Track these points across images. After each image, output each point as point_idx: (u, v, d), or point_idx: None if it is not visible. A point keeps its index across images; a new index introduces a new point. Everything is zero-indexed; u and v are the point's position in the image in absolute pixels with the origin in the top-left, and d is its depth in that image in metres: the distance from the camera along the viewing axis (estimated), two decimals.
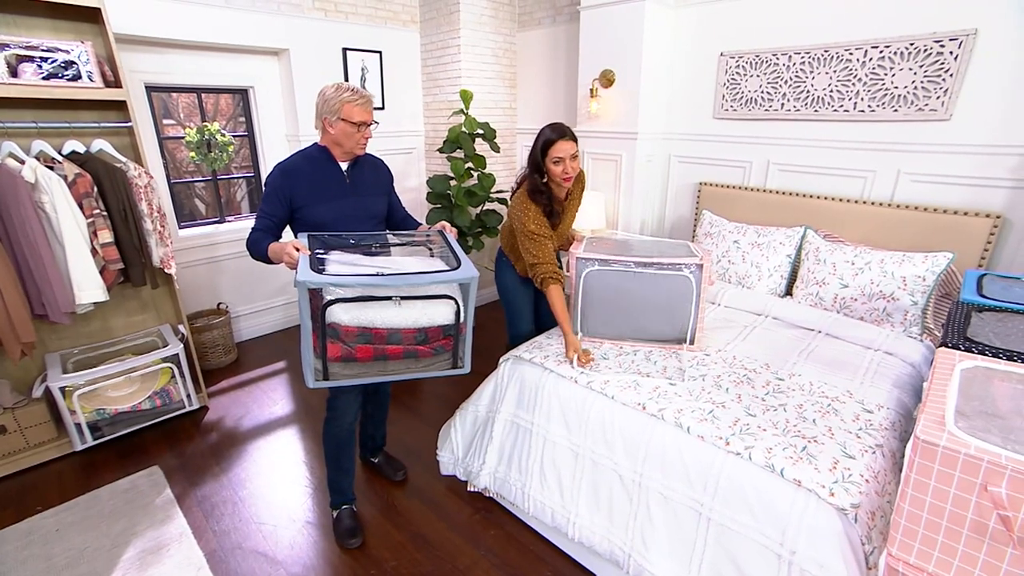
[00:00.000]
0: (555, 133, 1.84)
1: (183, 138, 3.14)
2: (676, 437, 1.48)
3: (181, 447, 2.45)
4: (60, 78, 2.08)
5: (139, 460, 2.34)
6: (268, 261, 1.62)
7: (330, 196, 1.72)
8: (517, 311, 2.25)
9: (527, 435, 1.82)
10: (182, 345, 2.55)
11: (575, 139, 1.86)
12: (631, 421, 1.58)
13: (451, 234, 1.73)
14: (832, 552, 1.17)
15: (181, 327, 2.67)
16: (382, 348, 1.51)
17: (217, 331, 3.14)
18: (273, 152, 3.44)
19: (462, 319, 1.56)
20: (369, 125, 1.69)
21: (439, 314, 1.54)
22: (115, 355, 2.56)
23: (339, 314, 1.44)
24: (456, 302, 1.54)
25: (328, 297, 1.42)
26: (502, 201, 3.60)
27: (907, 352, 1.90)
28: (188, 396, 2.61)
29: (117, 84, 2.25)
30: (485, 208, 3.64)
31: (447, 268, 1.54)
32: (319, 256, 1.51)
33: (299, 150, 1.75)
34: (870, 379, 1.74)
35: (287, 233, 1.75)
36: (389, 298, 1.48)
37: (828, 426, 1.46)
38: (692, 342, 1.90)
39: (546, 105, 3.78)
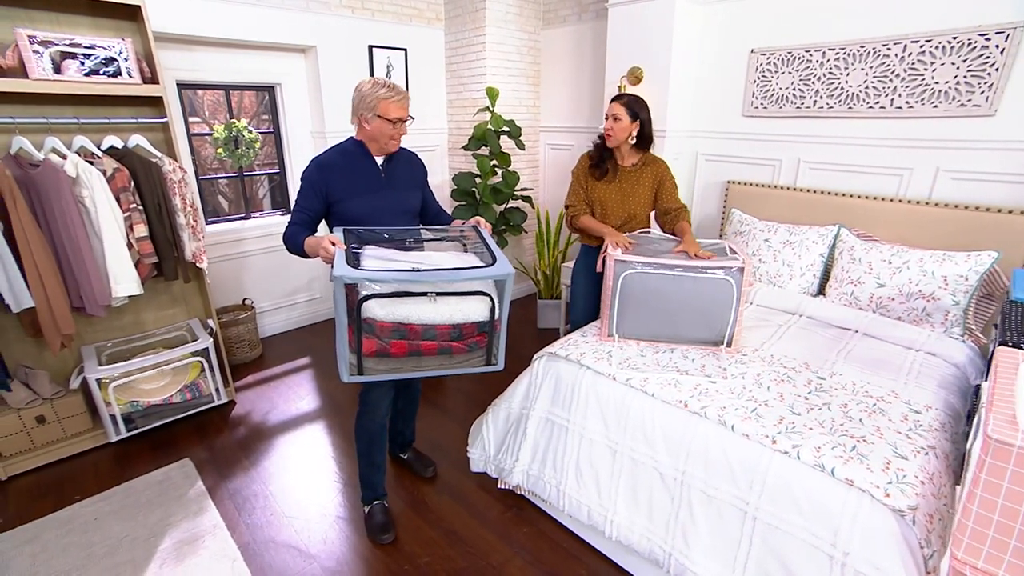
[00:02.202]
0: (613, 98, 2.15)
1: (209, 135, 3.17)
2: (720, 435, 1.46)
3: (211, 440, 2.47)
4: (101, 75, 2.11)
5: (171, 452, 2.37)
6: (304, 255, 1.63)
7: (365, 190, 1.72)
8: (575, 297, 2.45)
9: (563, 432, 1.81)
10: (211, 339, 2.57)
11: (625, 105, 2.11)
12: (672, 419, 1.56)
13: (486, 229, 1.72)
14: (889, 554, 1.15)
15: (210, 321, 2.69)
16: (416, 344, 1.51)
17: (243, 326, 3.17)
18: (299, 149, 3.47)
19: (496, 315, 1.55)
20: (405, 121, 1.69)
21: (474, 310, 1.52)
22: (147, 348, 2.59)
23: (374, 309, 1.43)
24: (491, 298, 1.53)
25: (364, 292, 1.42)
26: (526, 199, 3.59)
27: (951, 353, 1.86)
28: (217, 390, 2.64)
29: (154, 80, 2.28)
30: (509, 206, 3.64)
31: (482, 264, 1.52)
32: (354, 251, 1.51)
33: (334, 144, 1.75)
34: (914, 379, 1.70)
35: (322, 227, 1.76)
36: (424, 294, 1.47)
37: (876, 426, 1.43)
38: (730, 344, 1.87)
39: (570, 103, 3.76)
